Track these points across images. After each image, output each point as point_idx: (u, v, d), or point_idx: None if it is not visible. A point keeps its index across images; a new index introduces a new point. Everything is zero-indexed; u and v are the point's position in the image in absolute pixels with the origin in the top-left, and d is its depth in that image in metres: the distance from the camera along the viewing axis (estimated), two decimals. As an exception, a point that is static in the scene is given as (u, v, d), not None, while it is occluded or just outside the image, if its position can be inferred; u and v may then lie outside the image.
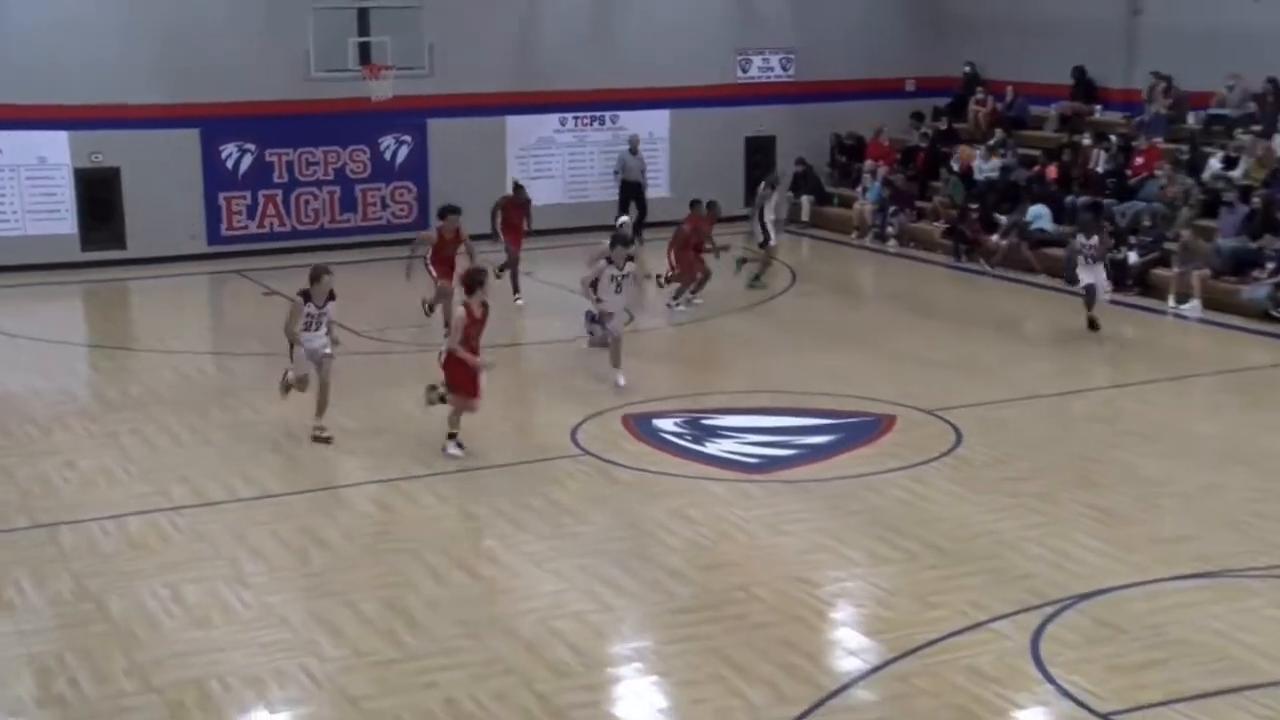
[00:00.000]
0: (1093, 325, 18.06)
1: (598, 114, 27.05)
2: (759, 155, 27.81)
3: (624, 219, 18.65)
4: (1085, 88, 25.74)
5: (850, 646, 9.62)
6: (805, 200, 27.08)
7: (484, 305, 13.47)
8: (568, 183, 26.34)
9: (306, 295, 13.71)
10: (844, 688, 8.87)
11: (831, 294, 21.37)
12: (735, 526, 11.78)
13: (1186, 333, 18.98)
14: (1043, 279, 21.97)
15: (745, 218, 25.67)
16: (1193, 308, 19.40)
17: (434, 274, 18.31)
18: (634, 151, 26.21)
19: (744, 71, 27.85)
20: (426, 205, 25.81)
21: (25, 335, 19.07)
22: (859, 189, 26.37)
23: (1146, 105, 24.18)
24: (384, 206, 25.86)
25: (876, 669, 9.13)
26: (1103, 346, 18.12)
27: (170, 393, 16.34)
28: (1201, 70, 23.30)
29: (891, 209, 25.46)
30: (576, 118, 26.96)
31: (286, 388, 14.10)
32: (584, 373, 16.54)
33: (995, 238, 23.19)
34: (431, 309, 18.39)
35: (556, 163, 26.77)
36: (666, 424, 14.73)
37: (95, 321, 21.61)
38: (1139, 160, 22.99)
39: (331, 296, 13.85)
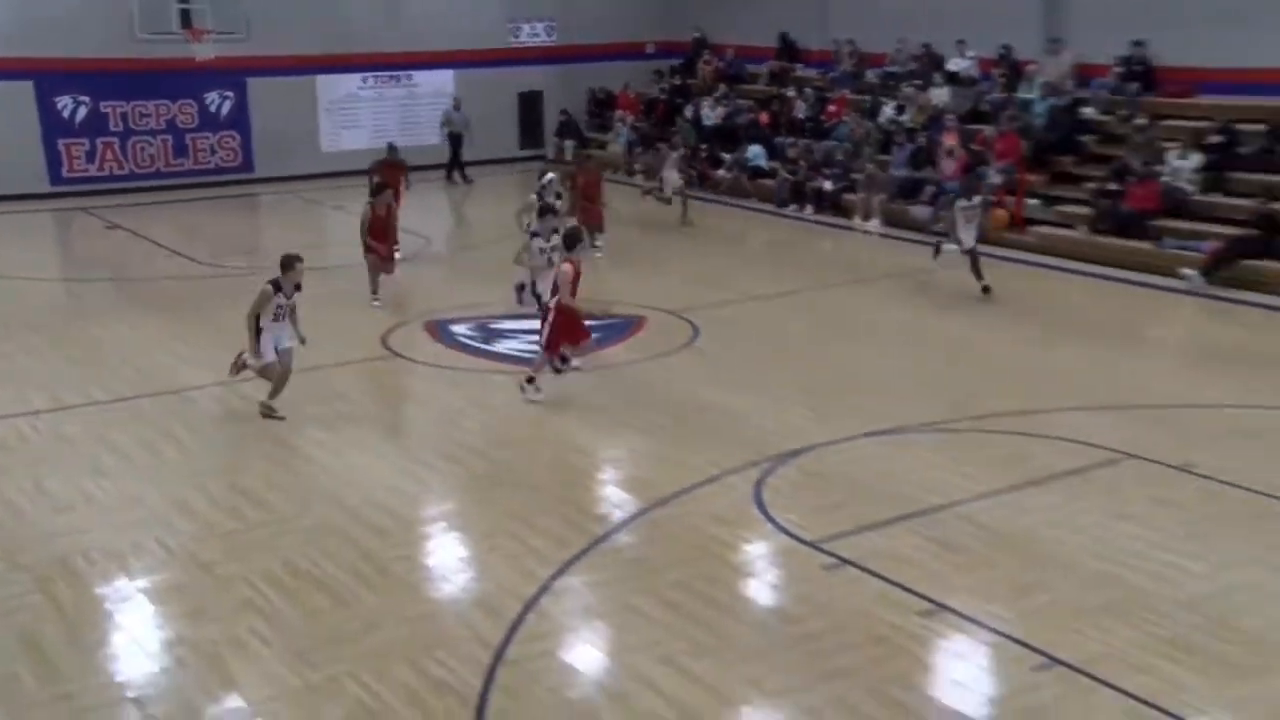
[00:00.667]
0: (986, 289, 15.77)
1: (394, 74, 26.33)
2: (530, 107, 27.58)
3: (550, 175, 16.54)
4: (789, 50, 26.12)
5: (615, 501, 9.73)
6: (568, 144, 26.90)
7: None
8: (371, 132, 25.61)
9: (276, 285, 11.08)
10: (610, 533, 8.99)
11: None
12: (520, 410, 11.75)
13: (870, 245, 19.61)
14: (756, 203, 22.35)
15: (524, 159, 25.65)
16: (875, 224, 20.05)
17: (378, 251, 15.56)
18: (457, 108, 25.57)
19: (515, 37, 27.43)
20: (250, 151, 24.86)
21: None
22: (611, 134, 26.32)
23: (836, 64, 24.70)
24: (213, 153, 24.78)
25: (635, 517, 9.27)
26: (808, 255, 18.57)
27: (24, 316, 15.35)
28: (879, 35, 23.92)
29: (638, 149, 25.55)
30: (377, 77, 26.21)
31: (240, 368, 11.58)
32: (393, 289, 16.16)
33: (721, 172, 23.52)
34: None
35: (362, 115, 26.02)
36: (461, 328, 14.56)
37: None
38: (831, 108, 23.49)
39: (298, 288, 11.35)
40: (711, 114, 25.18)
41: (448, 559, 8.88)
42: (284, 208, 20.57)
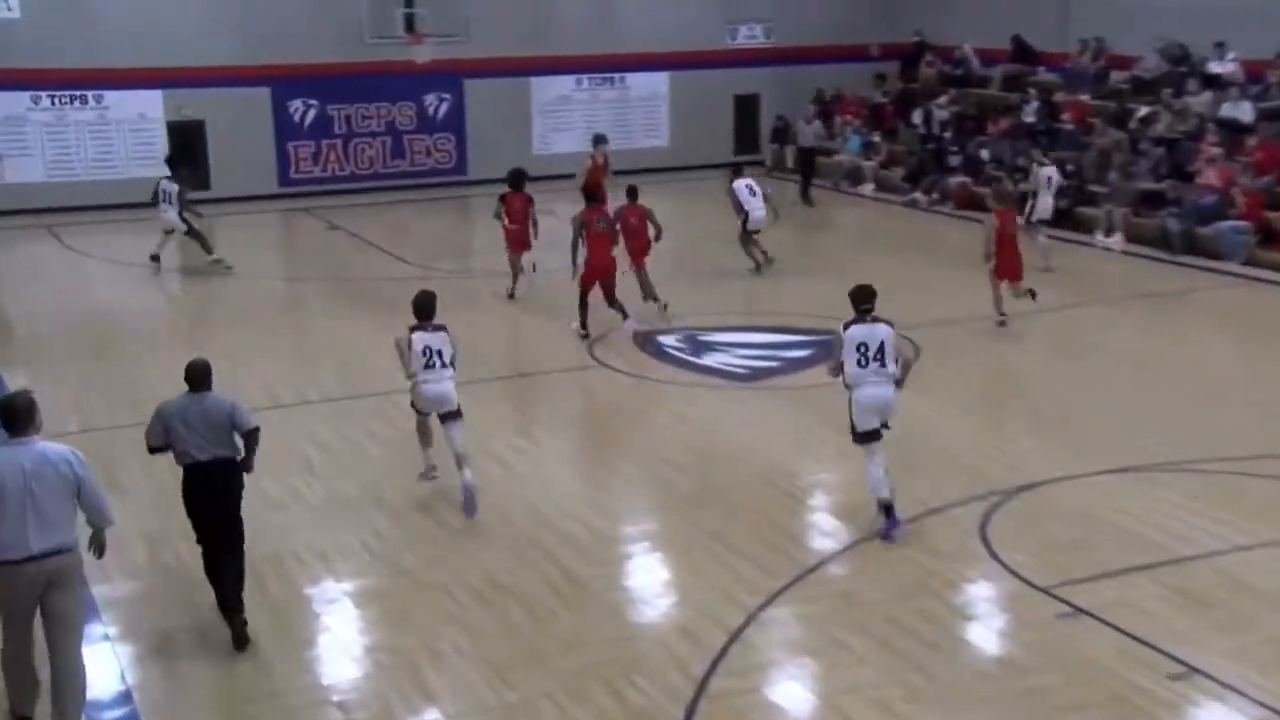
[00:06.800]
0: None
1: (608, 76, 26.66)
2: (746, 111, 27.51)
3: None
4: (1023, 51, 25.17)
5: (825, 529, 9.54)
6: (788, 150, 26.53)
7: None
8: (583, 134, 25.92)
9: None
10: (820, 564, 8.80)
11: (813, 232, 21.09)
12: (727, 426, 11.65)
13: (1110, 261, 18.68)
14: (975, 212, 21.45)
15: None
16: (1116, 240, 19.11)
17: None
18: (809, 122, 24.40)
19: (732, 39, 27.42)
20: (464, 153, 25.55)
21: (131, 263, 18.74)
22: (840, 140, 25.78)
23: (1075, 66, 23.64)
24: (428, 154, 25.55)
25: (847, 548, 9.05)
26: (1046, 273, 17.77)
27: (248, 310, 16.17)
28: (1127, 35, 22.81)
29: (871, 159, 24.81)
30: (590, 79, 26.57)
31: None
32: (597, 300, 16.28)
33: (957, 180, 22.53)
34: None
35: (576, 116, 26.40)
36: (669, 340, 14.57)
37: (188, 252, 21.40)
38: (1065, 114, 22.47)
39: None
40: (942, 116, 24.26)
41: (649, 580, 8.85)
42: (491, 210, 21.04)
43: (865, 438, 9.22)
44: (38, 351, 14.53)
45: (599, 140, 19.03)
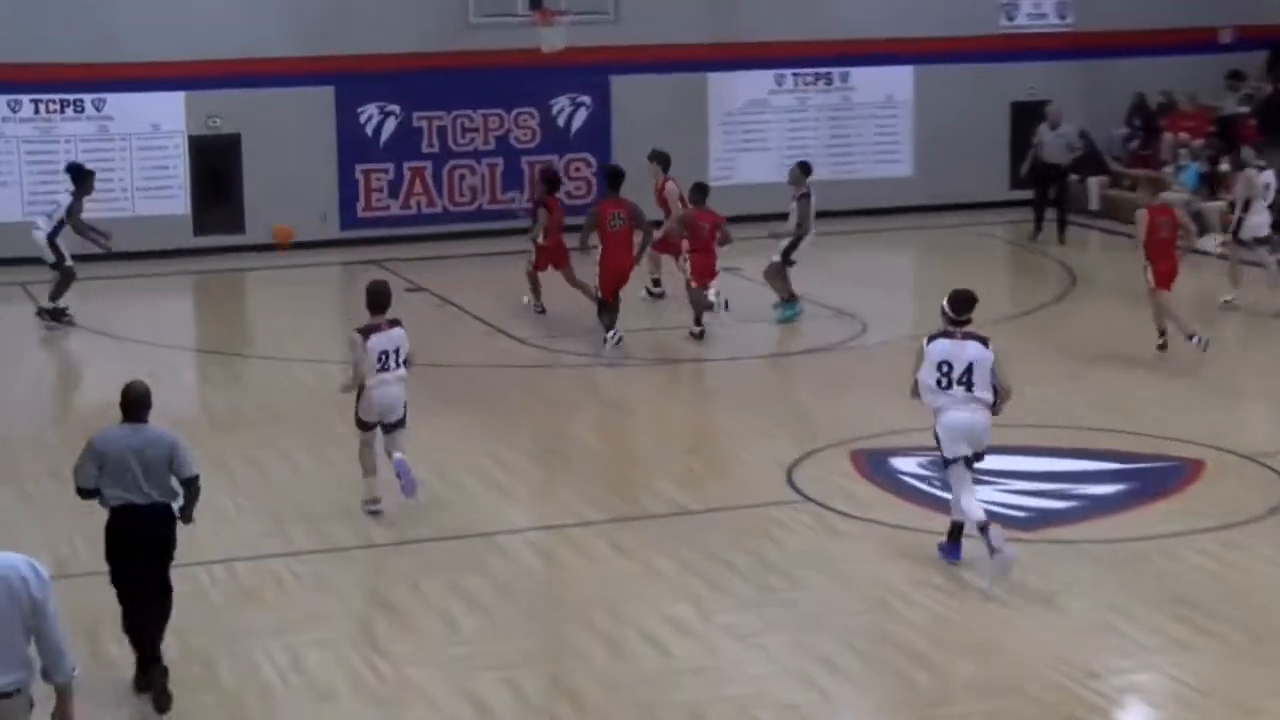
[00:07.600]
0: None
1: (823, 71, 26.78)
2: (1028, 124, 27.13)
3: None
4: None
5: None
6: (1093, 183, 26.18)
7: None
8: (784, 156, 26.01)
9: None
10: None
11: (1123, 302, 20.72)
12: (996, 598, 11.43)
13: None
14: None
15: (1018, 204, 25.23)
16: None
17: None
18: (1054, 126, 25.04)
19: (1009, 20, 27.37)
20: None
21: (128, 337, 19.48)
22: (1169, 169, 25.36)
23: None
24: (557, 184, 25.83)
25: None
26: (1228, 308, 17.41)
27: (290, 409, 16.58)
28: None
29: (1219, 197, 24.33)
30: (796, 75, 26.73)
31: None
32: (804, 394, 16.28)
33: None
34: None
35: (772, 132, 26.48)
36: (907, 464, 14.46)
37: (207, 321, 22.08)
38: None
39: None
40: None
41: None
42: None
43: (954, 462, 11.45)
44: (2, 460, 15.09)
45: (663, 161, 21.29)
